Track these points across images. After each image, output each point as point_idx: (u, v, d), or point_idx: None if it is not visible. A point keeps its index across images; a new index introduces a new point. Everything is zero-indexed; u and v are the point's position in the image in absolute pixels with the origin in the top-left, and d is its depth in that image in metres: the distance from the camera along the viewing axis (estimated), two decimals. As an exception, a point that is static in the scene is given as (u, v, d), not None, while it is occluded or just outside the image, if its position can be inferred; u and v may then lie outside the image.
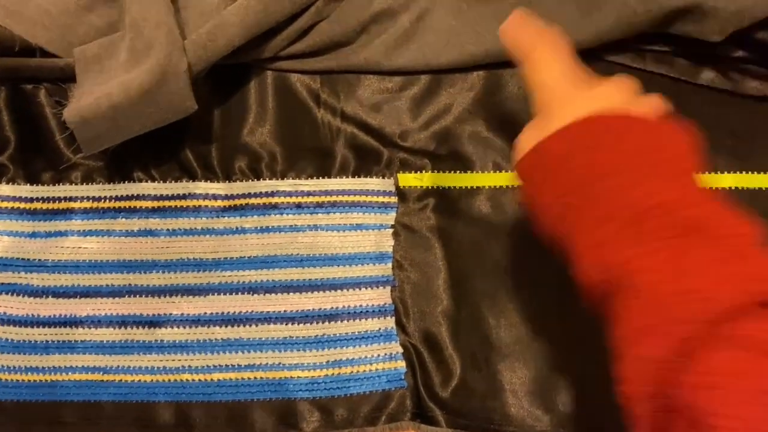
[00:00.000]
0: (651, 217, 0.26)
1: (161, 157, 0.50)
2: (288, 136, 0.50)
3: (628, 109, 0.31)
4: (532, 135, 0.33)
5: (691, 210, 0.26)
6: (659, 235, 0.25)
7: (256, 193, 0.49)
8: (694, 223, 0.25)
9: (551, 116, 0.32)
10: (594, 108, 0.30)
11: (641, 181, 0.27)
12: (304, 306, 0.47)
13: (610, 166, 0.28)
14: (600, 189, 0.28)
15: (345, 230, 0.48)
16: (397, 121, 0.50)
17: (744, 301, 0.23)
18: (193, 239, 0.49)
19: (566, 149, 0.30)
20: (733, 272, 0.23)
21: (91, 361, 0.47)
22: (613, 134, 0.29)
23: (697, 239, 0.25)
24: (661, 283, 0.24)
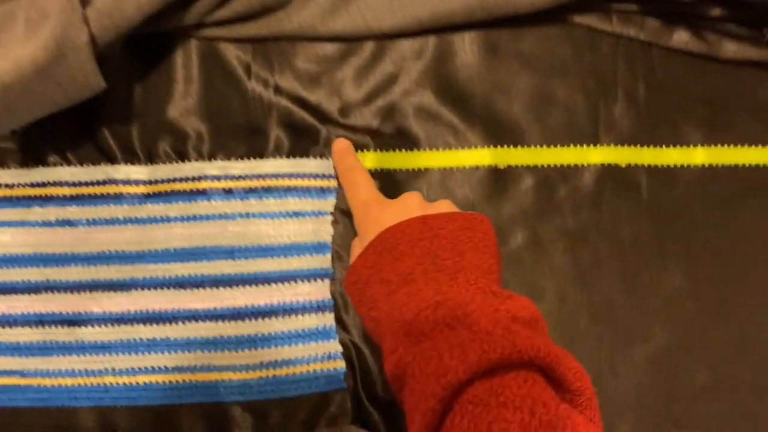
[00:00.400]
0: (422, 318, 0.31)
1: (77, 138, 0.45)
2: (216, 113, 0.45)
3: (424, 214, 0.36)
4: (356, 249, 0.38)
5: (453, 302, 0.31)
6: (426, 330, 0.30)
7: (182, 178, 0.45)
8: (453, 313, 0.30)
9: (365, 235, 0.37)
10: (394, 221, 0.36)
11: (420, 288, 0.32)
12: (236, 302, 0.43)
13: (397, 279, 0.34)
14: (389, 298, 0.33)
15: (279, 218, 0.44)
16: (336, 95, 0.45)
17: (475, 372, 0.27)
18: (115, 229, 0.44)
19: (369, 267, 0.35)
20: (471, 349, 0.28)
21: (6, 363, 0.43)
22: (405, 243, 0.34)
23: (456, 327, 0.30)
24: (419, 371, 0.29)
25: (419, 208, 0.37)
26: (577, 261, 0.43)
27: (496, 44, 0.45)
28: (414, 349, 0.30)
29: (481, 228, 0.35)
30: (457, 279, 0.33)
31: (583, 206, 0.44)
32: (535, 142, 0.44)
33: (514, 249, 0.43)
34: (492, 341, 0.28)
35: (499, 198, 0.44)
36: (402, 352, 0.31)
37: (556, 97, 0.45)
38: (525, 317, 0.31)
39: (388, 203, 0.38)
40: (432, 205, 0.38)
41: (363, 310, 0.36)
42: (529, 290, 0.43)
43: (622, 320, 0.42)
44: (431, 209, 0.37)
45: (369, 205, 0.39)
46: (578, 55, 0.45)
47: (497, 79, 0.45)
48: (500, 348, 0.28)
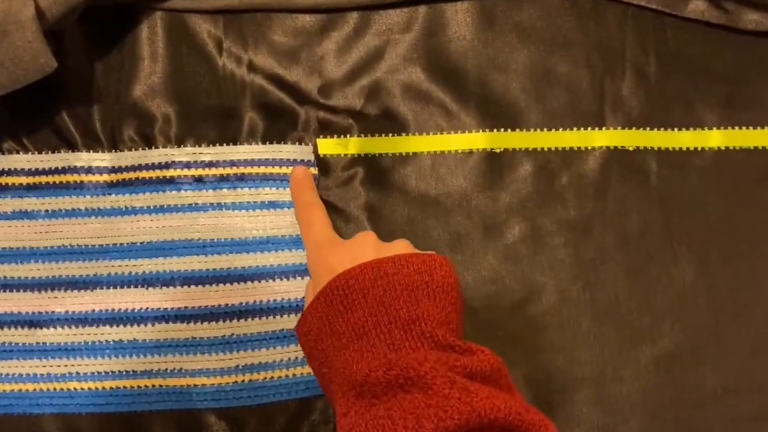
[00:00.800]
0: (373, 379, 0.29)
1: (34, 123, 0.42)
2: (185, 94, 0.41)
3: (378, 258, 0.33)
4: (309, 296, 0.36)
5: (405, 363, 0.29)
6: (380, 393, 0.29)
7: (148, 165, 0.41)
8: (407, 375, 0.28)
9: (317, 280, 0.35)
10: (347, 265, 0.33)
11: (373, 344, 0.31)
12: (208, 301, 0.40)
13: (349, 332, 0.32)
14: (341, 354, 0.31)
15: (255, 209, 0.41)
16: (316, 73, 0.41)
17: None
18: (77, 222, 0.41)
19: (319, 318, 0.33)
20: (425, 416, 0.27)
21: None
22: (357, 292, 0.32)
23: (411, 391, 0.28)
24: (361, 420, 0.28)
25: (373, 250, 0.34)
26: (580, 255, 0.40)
27: (493, 14, 0.41)
28: (366, 414, 0.29)
29: (439, 272, 0.33)
30: (411, 332, 0.31)
31: (587, 194, 0.40)
32: (535, 124, 0.41)
33: (511, 242, 0.40)
34: (448, 406, 0.27)
35: (495, 185, 0.40)
36: (354, 417, 0.29)
37: (558, 73, 0.41)
38: (484, 371, 0.29)
39: (340, 244, 0.36)
40: (387, 246, 0.35)
41: (315, 365, 0.34)
42: (527, 287, 0.39)
43: (628, 319, 0.39)
44: (386, 251, 0.34)
45: (321, 247, 0.36)
46: (582, 27, 0.41)
47: (493, 53, 0.41)
48: (457, 413, 0.26)
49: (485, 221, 0.40)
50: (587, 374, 0.38)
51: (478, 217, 0.40)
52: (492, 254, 0.39)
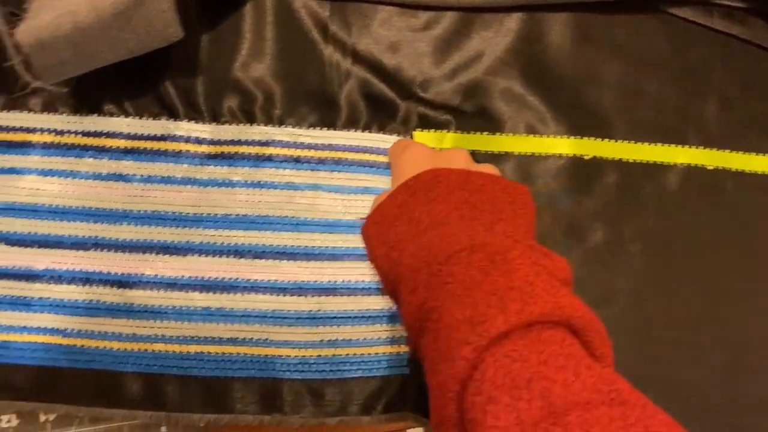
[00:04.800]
0: (455, 260, 0.29)
1: (137, 88, 0.44)
2: (288, 75, 0.43)
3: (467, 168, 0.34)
4: (381, 198, 0.37)
5: (491, 247, 0.29)
6: (456, 273, 0.29)
7: (248, 141, 0.43)
8: (491, 258, 0.28)
9: (399, 177, 0.36)
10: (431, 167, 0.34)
11: (454, 232, 0.31)
12: (298, 276, 0.42)
13: (429, 220, 0.32)
14: (418, 239, 0.32)
15: (350, 193, 0.43)
16: (417, 67, 0.43)
17: (514, 324, 0.26)
18: (172, 189, 0.43)
19: (398, 206, 0.34)
20: (510, 299, 0.26)
21: (49, 321, 0.41)
22: (442, 187, 0.33)
23: (491, 273, 0.28)
24: (447, 315, 0.28)
25: (464, 163, 0.36)
26: (656, 264, 0.43)
27: (588, 29, 0.44)
28: (441, 293, 0.29)
29: (521, 197, 0.34)
30: (494, 228, 0.31)
31: (666, 207, 0.43)
32: (622, 136, 0.43)
33: (593, 246, 0.43)
34: (534, 294, 0.27)
35: (581, 190, 0.43)
36: (425, 294, 0.29)
37: (647, 90, 0.44)
38: (563, 278, 0.30)
39: (429, 150, 0.37)
40: (477, 165, 0.37)
41: (382, 250, 0.34)
42: (604, 290, 0.42)
43: (699, 328, 0.42)
44: (475, 167, 0.36)
45: (407, 148, 0.37)
46: (673, 49, 0.44)
47: (587, 65, 0.44)
48: (542, 302, 0.26)
49: (569, 223, 0.42)
50: (655, 377, 0.41)
51: (562, 219, 0.42)
52: (573, 255, 0.42)
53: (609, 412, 0.23)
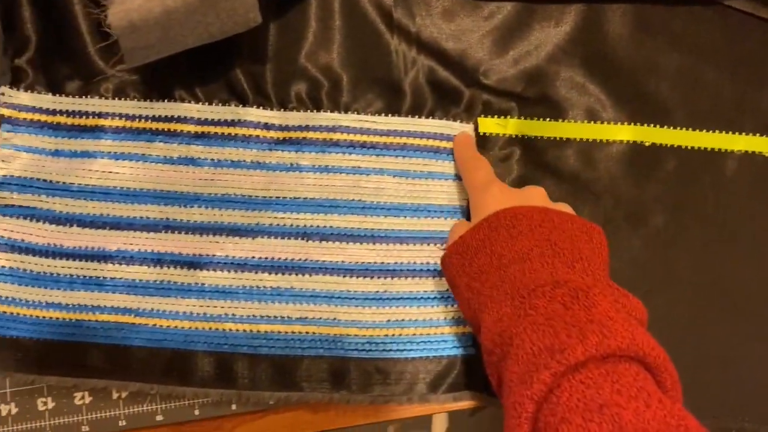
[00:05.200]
0: (539, 294, 0.31)
1: (207, 74, 0.45)
2: (354, 63, 0.45)
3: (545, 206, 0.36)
4: (461, 228, 0.38)
5: (573, 284, 0.31)
6: (539, 306, 0.31)
7: (315, 126, 0.44)
8: (573, 294, 0.30)
9: (480, 213, 0.38)
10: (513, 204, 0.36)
11: (536, 268, 0.33)
12: (364, 258, 0.43)
13: (511, 255, 0.34)
14: (501, 272, 0.34)
15: (415, 178, 0.44)
16: (481, 55, 0.45)
17: (592, 354, 0.28)
18: (242, 173, 0.44)
19: (480, 240, 0.36)
20: (590, 331, 0.28)
21: (121, 301, 0.43)
22: (524, 224, 0.35)
23: (573, 307, 0.30)
24: (530, 342, 0.29)
25: (541, 201, 0.38)
26: (714, 248, 0.44)
27: (648, 20, 0.45)
28: (523, 322, 0.31)
29: (597, 237, 0.36)
30: (574, 267, 0.33)
31: (724, 193, 0.44)
32: (681, 124, 0.44)
33: (653, 230, 0.44)
34: (613, 329, 0.28)
35: (641, 176, 0.44)
36: (508, 323, 0.31)
37: (704, 80, 0.45)
38: (639, 317, 0.32)
39: (509, 188, 0.39)
40: (554, 204, 0.38)
41: (463, 280, 0.36)
42: (665, 273, 0.43)
43: (758, 313, 0.43)
44: (552, 206, 0.38)
45: (489, 185, 0.39)
46: (729, 40, 0.45)
47: (646, 55, 0.45)
48: (621, 337, 0.28)
49: (630, 208, 0.43)
50: (708, 359, 0.42)
51: (624, 204, 0.43)
52: (634, 240, 0.43)
53: None
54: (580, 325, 0.29)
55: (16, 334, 0.42)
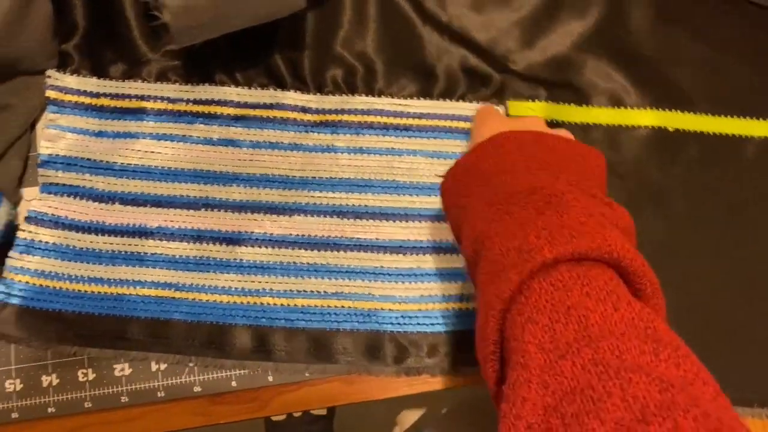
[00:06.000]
0: (514, 200, 0.31)
1: (246, 59, 0.47)
2: (388, 50, 0.47)
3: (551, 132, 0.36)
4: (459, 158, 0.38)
5: (549, 190, 0.31)
6: (513, 211, 0.31)
7: (351, 110, 0.46)
8: (547, 199, 0.30)
9: (476, 140, 0.38)
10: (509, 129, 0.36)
11: (519, 177, 0.33)
12: (397, 236, 0.45)
13: (496, 169, 0.34)
14: (484, 186, 0.34)
15: (447, 158, 0.46)
16: (510, 43, 0.47)
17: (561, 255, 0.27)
18: (279, 154, 0.46)
19: (471, 161, 0.36)
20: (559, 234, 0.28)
21: (161, 276, 0.44)
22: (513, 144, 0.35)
23: (546, 212, 0.30)
24: (500, 243, 0.30)
25: (538, 128, 0.38)
26: (735, 229, 0.45)
27: (670, 12, 0.47)
28: (497, 226, 0.30)
29: (594, 159, 0.36)
30: (558, 178, 0.33)
31: (745, 177, 0.46)
32: (703, 110, 0.46)
33: (675, 212, 0.45)
34: (583, 231, 0.28)
35: (665, 159, 0.46)
36: (482, 227, 0.31)
37: (725, 68, 0.47)
38: (620, 224, 0.31)
39: (508, 119, 0.40)
40: (552, 130, 0.39)
41: (452, 199, 0.36)
42: (688, 253, 0.45)
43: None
44: (550, 131, 0.38)
45: (489, 116, 0.41)
46: (748, 31, 0.47)
47: (668, 44, 0.47)
48: (590, 239, 0.27)
49: (654, 190, 0.45)
50: (722, 336, 0.44)
51: (647, 186, 0.45)
52: (659, 221, 0.45)
53: (641, 345, 0.24)
54: (550, 228, 0.28)
55: (59, 307, 0.43)
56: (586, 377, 0.23)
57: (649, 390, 0.22)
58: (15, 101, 0.45)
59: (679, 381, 0.22)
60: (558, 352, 0.25)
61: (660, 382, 0.22)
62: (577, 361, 0.24)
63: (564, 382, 0.24)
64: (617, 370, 0.23)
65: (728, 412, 0.22)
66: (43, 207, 0.45)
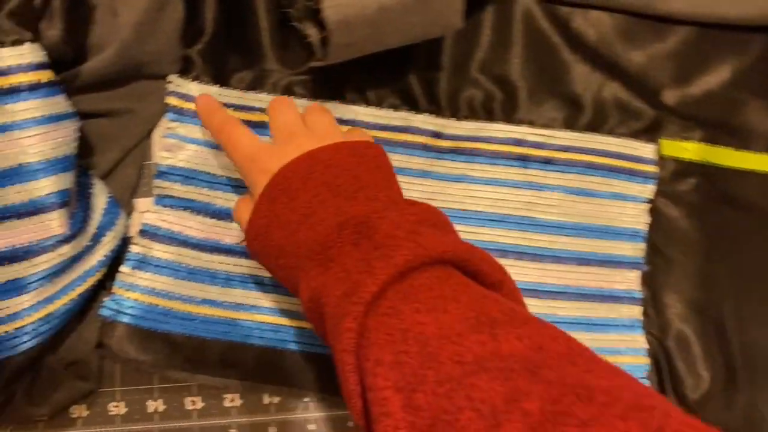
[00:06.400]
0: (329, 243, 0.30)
1: (379, 77, 0.44)
2: (530, 75, 0.44)
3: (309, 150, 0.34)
4: (245, 209, 0.36)
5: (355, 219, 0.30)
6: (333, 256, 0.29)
7: (488, 137, 0.43)
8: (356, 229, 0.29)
9: (255, 189, 0.35)
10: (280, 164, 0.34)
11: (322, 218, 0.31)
12: (531, 278, 0.42)
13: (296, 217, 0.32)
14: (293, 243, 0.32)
15: (590, 197, 0.43)
16: (662, 76, 0.44)
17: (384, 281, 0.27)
18: (407, 180, 0.43)
19: (265, 217, 0.34)
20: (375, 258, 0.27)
21: (279, 302, 0.41)
22: (297, 181, 0.33)
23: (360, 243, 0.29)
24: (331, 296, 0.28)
25: (308, 145, 0.35)
26: None
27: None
28: (323, 276, 0.29)
29: (370, 152, 0.34)
30: (357, 198, 0.32)
31: None
32: None
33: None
34: (394, 244, 0.27)
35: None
36: (312, 283, 0.30)
37: None
38: (433, 220, 0.30)
39: (275, 149, 0.35)
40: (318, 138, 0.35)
41: (270, 261, 0.35)
42: None
43: None
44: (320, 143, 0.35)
45: (255, 157, 0.36)
46: None
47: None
48: (405, 249, 0.27)
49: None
50: None
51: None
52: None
53: (478, 336, 0.24)
54: (367, 258, 0.28)
55: (168, 328, 0.41)
56: (438, 402, 0.23)
57: (493, 387, 0.22)
58: (136, 106, 0.43)
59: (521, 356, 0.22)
60: (410, 387, 0.24)
61: (501, 372, 0.22)
62: (427, 389, 0.23)
63: (424, 416, 0.23)
64: (460, 379, 0.23)
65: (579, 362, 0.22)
66: (157, 220, 0.42)
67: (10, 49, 0.35)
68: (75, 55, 0.40)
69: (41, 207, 0.36)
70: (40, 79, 0.36)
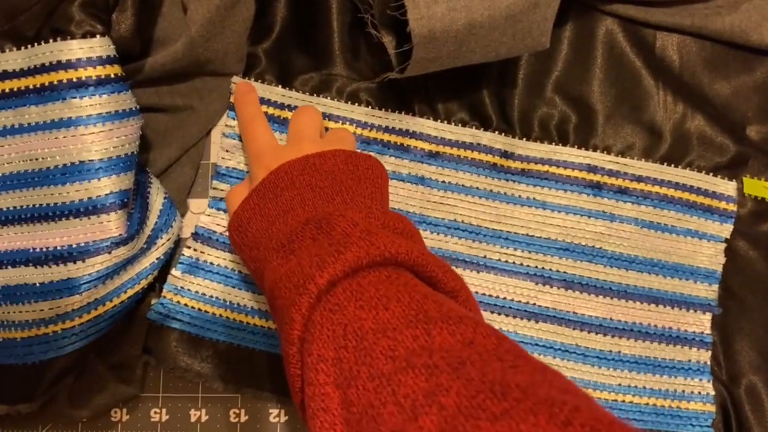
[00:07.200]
0: (294, 237, 0.31)
1: (449, 91, 0.42)
2: (608, 99, 0.42)
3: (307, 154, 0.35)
4: (239, 193, 0.37)
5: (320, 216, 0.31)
6: (295, 249, 0.30)
7: (560, 161, 0.42)
8: (317, 225, 0.30)
9: (254, 181, 0.36)
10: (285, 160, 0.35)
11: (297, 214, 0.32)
12: (598, 312, 0.40)
13: (276, 212, 0.33)
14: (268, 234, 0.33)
15: (670, 233, 0.41)
16: (748, 109, 0.42)
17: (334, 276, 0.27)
18: (473, 200, 0.41)
19: (250, 209, 0.34)
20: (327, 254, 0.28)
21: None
22: (285, 180, 0.34)
23: (318, 238, 0.30)
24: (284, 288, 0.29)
25: (310, 150, 0.36)
26: None
27: None
28: (283, 268, 0.30)
29: (364, 163, 0.35)
30: (334, 201, 0.33)
31: None
32: None
33: None
34: (348, 242, 0.28)
35: None
36: (271, 273, 0.31)
37: None
38: (400, 228, 0.31)
39: (280, 150, 0.37)
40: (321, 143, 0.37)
41: (246, 252, 0.35)
42: None
43: None
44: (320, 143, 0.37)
45: (262, 153, 0.37)
46: None
47: None
48: (356, 248, 0.27)
49: None
50: None
51: None
52: None
53: (413, 332, 0.24)
54: (321, 253, 0.28)
55: (215, 337, 0.40)
56: (367, 397, 0.23)
57: (417, 383, 0.22)
58: (197, 103, 0.42)
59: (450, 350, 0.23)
60: (347, 382, 0.25)
61: (426, 369, 0.22)
62: (359, 384, 0.24)
63: (354, 411, 0.24)
64: (389, 376, 0.23)
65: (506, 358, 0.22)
66: (212, 224, 0.41)
67: (80, 42, 0.34)
68: (141, 49, 0.38)
69: (100, 207, 0.35)
70: (108, 74, 0.34)
